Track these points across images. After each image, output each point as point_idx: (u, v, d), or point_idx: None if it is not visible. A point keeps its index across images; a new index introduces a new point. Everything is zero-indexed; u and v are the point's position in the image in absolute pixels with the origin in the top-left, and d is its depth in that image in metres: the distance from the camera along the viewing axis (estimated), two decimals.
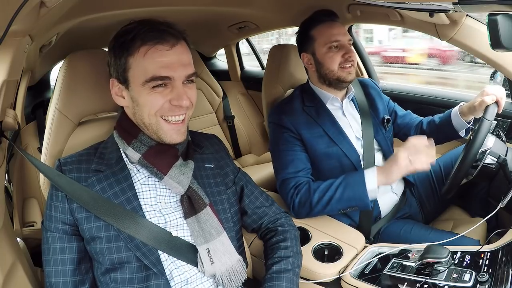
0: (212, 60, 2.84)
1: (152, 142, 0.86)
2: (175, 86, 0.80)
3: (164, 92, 0.80)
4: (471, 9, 0.88)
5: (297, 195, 1.21)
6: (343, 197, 1.14)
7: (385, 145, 1.37)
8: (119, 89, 0.84)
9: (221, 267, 0.84)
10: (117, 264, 0.80)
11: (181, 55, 0.81)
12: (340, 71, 1.28)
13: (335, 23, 1.31)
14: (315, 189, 1.18)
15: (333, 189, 1.15)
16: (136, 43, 0.79)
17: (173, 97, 0.80)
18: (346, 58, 1.27)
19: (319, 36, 1.30)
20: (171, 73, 0.79)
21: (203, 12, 1.67)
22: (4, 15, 0.61)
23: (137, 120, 0.85)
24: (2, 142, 0.84)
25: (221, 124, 2.48)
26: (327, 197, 1.16)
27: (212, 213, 0.87)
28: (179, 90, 0.80)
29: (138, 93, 0.81)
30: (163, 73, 0.78)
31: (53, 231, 0.81)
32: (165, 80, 0.79)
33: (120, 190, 0.83)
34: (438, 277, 0.88)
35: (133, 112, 0.85)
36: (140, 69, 0.79)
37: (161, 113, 0.81)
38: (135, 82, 0.80)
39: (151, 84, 0.79)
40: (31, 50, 1.27)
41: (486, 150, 1.08)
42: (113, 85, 0.85)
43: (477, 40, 1.18)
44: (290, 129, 1.28)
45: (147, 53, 0.78)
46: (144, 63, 0.78)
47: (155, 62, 0.78)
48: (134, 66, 0.80)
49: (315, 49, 1.31)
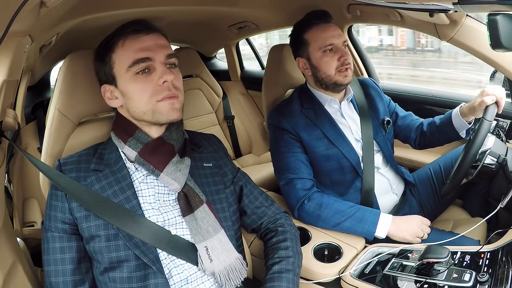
0: (212, 60, 2.84)
1: (148, 138, 0.87)
2: (157, 68, 0.84)
3: (149, 77, 0.83)
4: (471, 9, 0.88)
5: (310, 200, 1.22)
6: (351, 227, 1.16)
7: (385, 146, 1.37)
8: (111, 92, 0.88)
9: (219, 265, 0.84)
10: (116, 263, 0.80)
11: (157, 40, 0.86)
12: (337, 75, 1.26)
13: (328, 26, 1.28)
14: (326, 206, 1.19)
15: (344, 216, 1.17)
16: (115, 40, 0.85)
17: (158, 76, 0.83)
18: (342, 62, 1.25)
19: (313, 41, 1.28)
20: (150, 54, 0.83)
21: (203, 12, 1.67)
22: (4, 15, 0.61)
23: (132, 114, 0.87)
24: (2, 142, 0.85)
25: (221, 124, 2.47)
26: (336, 220, 1.17)
27: (208, 211, 0.87)
28: (162, 69, 0.84)
29: (125, 84, 0.84)
30: (143, 55, 0.82)
31: (53, 231, 0.82)
32: (146, 61, 0.82)
33: (119, 189, 0.84)
34: (438, 277, 0.88)
35: (126, 108, 0.87)
36: (122, 60, 0.84)
37: (155, 98, 0.83)
38: (120, 75, 0.84)
39: (134, 69, 0.82)
40: (31, 50, 1.27)
41: (486, 150, 1.08)
42: (105, 91, 0.88)
43: (477, 40, 1.18)
44: (289, 131, 1.28)
45: (125, 43, 0.84)
46: (124, 53, 0.83)
47: (134, 49, 0.83)
48: (117, 60, 0.85)
49: (309, 53, 1.29)
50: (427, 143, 1.43)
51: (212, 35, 2.32)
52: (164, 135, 0.90)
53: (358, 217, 1.16)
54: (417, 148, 1.48)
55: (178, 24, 1.82)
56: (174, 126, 0.91)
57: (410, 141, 1.47)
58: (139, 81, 0.83)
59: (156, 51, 0.84)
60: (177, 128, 0.92)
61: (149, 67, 0.83)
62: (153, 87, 0.83)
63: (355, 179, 1.30)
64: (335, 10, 1.36)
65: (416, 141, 1.45)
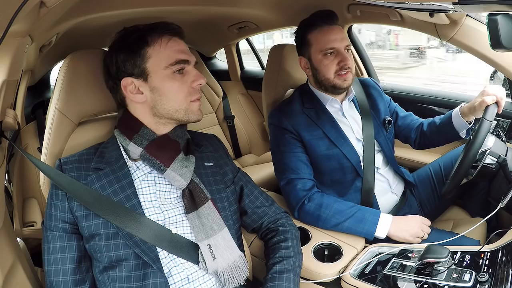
0: (212, 60, 2.84)
1: (154, 135, 0.88)
2: (190, 70, 0.89)
3: (184, 78, 0.88)
4: (471, 9, 0.88)
5: (310, 201, 1.22)
6: (351, 227, 1.16)
7: (386, 146, 1.37)
8: (135, 86, 0.86)
9: (223, 263, 0.84)
10: (115, 262, 0.80)
11: (186, 46, 0.93)
12: (336, 78, 1.26)
13: (332, 28, 1.27)
14: (326, 206, 1.19)
15: (344, 216, 1.17)
16: (154, 36, 0.86)
17: (193, 78, 0.89)
18: (342, 66, 1.24)
19: (315, 42, 1.28)
20: (188, 57, 0.89)
21: (203, 12, 1.67)
22: (4, 15, 0.61)
23: (159, 111, 0.87)
24: (2, 142, 0.85)
25: (221, 124, 2.47)
26: (336, 220, 1.17)
27: (213, 207, 0.88)
28: (196, 72, 0.90)
29: (161, 81, 0.86)
30: (184, 57, 0.88)
31: (53, 230, 0.82)
32: (185, 63, 0.88)
33: (119, 187, 0.84)
34: (438, 277, 0.88)
35: (153, 104, 0.87)
36: (161, 56, 0.86)
37: (189, 98, 0.89)
38: (156, 71, 0.85)
39: (174, 68, 0.86)
40: (31, 50, 1.27)
41: (486, 150, 1.07)
42: (127, 84, 0.87)
43: (477, 40, 1.18)
44: (290, 131, 1.28)
45: (168, 42, 0.87)
46: (166, 51, 0.86)
47: (176, 49, 0.88)
48: (154, 55, 0.85)
49: (311, 54, 1.30)
50: (427, 143, 1.43)
51: (212, 35, 2.32)
52: (170, 133, 0.90)
53: (358, 218, 1.16)
54: (417, 148, 1.48)
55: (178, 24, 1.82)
56: (179, 125, 0.92)
57: (410, 141, 1.47)
58: (177, 79, 0.86)
59: (190, 56, 0.90)
60: (182, 127, 0.93)
61: (183, 69, 0.88)
62: (187, 88, 0.88)
63: (355, 179, 1.30)
64: (335, 10, 1.35)
65: (416, 141, 1.45)
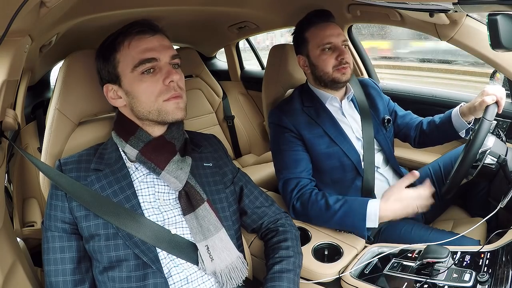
0: (212, 60, 2.84)
1: (150, 137, 0.88)
2: (162, 67, 0.85)
3: (155, 77, 0.84)
4: (471, 9, 0.88)
5: (298, 200, 1.21)
6: (341, 222, 1.14)
7: (386, 145, 1.37)
8: (114, 91, 0.88)
9: (220, 264, 0.84)
10: (115, 262, 0.80)
11: (162, 41, 0.87)
12: (335, 72, 1.27)
13: (328, 24, 1.29)
14: (312, 204, 1.17)
15: (332, 212, 1.14)
16: (120, 39, 0.85)
17: (164, 76, 0.84)
18: (340, 60, 1.26)
19: (312, 39, 1.29)
20: (156, 54, 0.84)
21: (203, 12, 1.67)
22: (4, 15, 0.61)
23: (136, 114, 0.87)
24: (2, 142, 0.84)
25: (221, 124, 2.47)
26: (326, 217, 1.15)
27: (210, 209, 0.87)
28: (167, 68, 0.85)
29: (130, 84, 0.84)
30: (149, 55, 0.83)
31: (53, 230, 0.82)
32: (152, 62, 0.83)
33: (119, 188, 0.84)
34: (438, 277, 0.88)
35: (131, 108, 0.87)
36: (127, 59, 0.84)
37: (161, 97, 0.84)
38: (125, 74, 0.85)
39: (140, 69, 0.83)
40: (31, 50, 1.26)
41: (486, 150, 1.07)
42: (108, 91, 0.88)
43: (477, 40, 1.18)
44: (290, 130, 1.29)
45: (131, 43, 0.84)
46: (130, 53, 0.84)
47: (140, 49, 0.84)
48: (122, 59, 0.85)
49: (309, 51, 1.31)
50: (426, 141, 1.43)
51: (212, 35, 2.32)
52: (165, 134, 0.90)
53: (346, 211, 1.12)
54: (416, 147, 1.49)
55: (178, 24, 1.82)
56: (175, 126, 0.92)
57: (410, 139, 1.48)
58: (145, 80, 0.84)
59: (161, 51, 0.85)
60: (178, 128, 0.92)
61: (154, 67, 0.84)
62: (159, 87, 0.84)
63: (355, 178, 1.30)
64: (335, 10, 1.36)
65: (416, 139, 1.45)
